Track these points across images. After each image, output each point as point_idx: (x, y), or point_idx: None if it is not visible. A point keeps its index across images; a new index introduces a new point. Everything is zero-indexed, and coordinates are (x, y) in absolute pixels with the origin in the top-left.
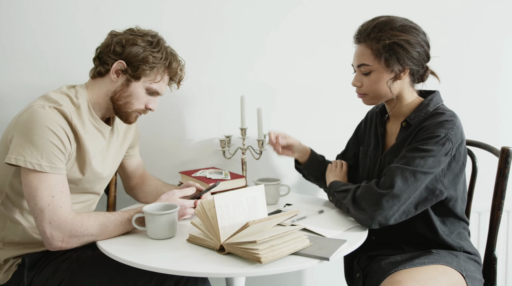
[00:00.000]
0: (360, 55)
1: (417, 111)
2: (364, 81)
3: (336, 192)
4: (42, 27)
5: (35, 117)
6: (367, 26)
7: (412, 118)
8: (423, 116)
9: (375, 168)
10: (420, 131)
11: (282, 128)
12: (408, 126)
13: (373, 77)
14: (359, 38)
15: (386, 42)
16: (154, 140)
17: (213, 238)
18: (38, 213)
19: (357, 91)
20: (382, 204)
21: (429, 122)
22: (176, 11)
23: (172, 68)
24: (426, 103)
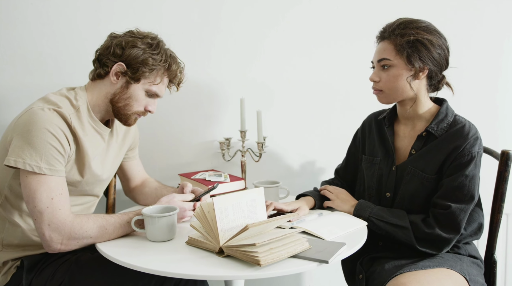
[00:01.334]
0: (382, 50)
1: (437, 121)
2: (383, 76)
3: (378, 220)
4: (41, 29)
5: (34, 119)
6: (392, 23)
7: (434, 129)
8: (445, 126)
9: (389, 178)
10: (455, 151)
11: (281, 130)
12: (428, 135)
13: (392, 73)
14: (383, 35)
15: (411, 38)
16: (153, 142)
17: (212, 241)
18: (37, 215)
19: (374, 87)
20: (449, 244)
21: (459, 139)
22: (175, 12)
23: (171, 71)
24: (444, 112)
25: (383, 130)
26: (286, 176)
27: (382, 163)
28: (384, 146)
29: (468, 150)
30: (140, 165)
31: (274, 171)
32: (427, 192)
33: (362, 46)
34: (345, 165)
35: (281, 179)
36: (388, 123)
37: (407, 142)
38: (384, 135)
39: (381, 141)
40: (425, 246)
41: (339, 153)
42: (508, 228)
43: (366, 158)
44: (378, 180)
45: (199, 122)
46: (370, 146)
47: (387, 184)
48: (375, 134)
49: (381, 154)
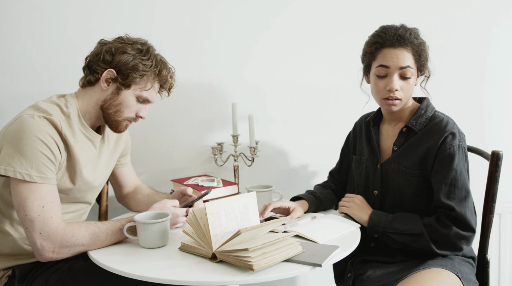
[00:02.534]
0: (404, 58)
1: (416, 117)
2: (404, 86)
3: (393, 233)
4: (32, 36)
5: (24, 127)
6: (404, 31)
7: (413, 124)
8: (424, 121)
9: (375, 176)
10: (434, 145)
11: (274, 133)
12: (409, 131)
13: (412, 81)
14: (400, 41)
15: (425, 48)
16: (145, 148)
17: (205, 246)
18: (28, 224)
19: (392, 96)
20: (468, 241)
21: (437, 133)
22: (165, 18)
23: (162, 76)
24: (423, 108)
25: (370, 132)
26: (279, 180)
27: (368, 161)
28: (370, 145)
29: (449, 143)
30: (132, 171)
31: (267, 175)
32: (414, 187)
33: (352, 48)
34: (338, 167)
35: (274, 183)
36: (374, 123)
37: (390, 140)
38: (370, 134)
39: (367, 141)
40: (444, 248)
41: (331, 156)
42: (501, 229)
43: (355, 158)
44: (365, 179)
45: (191, 127)
46: (359, 146)
47: (373, 182)
48: (364, 135)
49: (367, 153)
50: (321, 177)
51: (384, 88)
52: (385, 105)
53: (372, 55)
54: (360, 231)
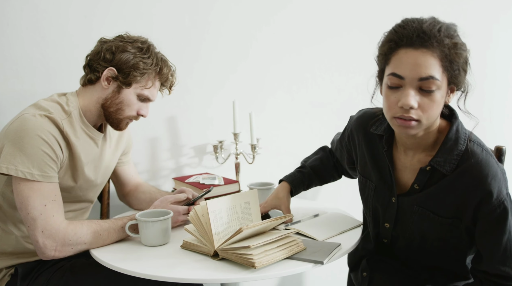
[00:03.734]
0: (426, 64)
1: (444, 152)
2: (424, 103)
3: None
4: (32, 35)
5: (26, 126)
6: (431, 25)
7: (440, 163)
8: (454, 160)
9: (389, 209)
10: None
11: (274, 131)
12: (434, 169)
13: (438, 98)
14: (421, 40)
15: (461, 52)
16: (146, 147)
17: (207, 244)
18: (31, 222)
19: (404, 115)
20: None
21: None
22: (165, 17)
23: (163, 74)
24: (453, 138)
25: (377, 150)
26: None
27: (378, 191)
28: (379, 172)
29: (497, 199)
30: (134, 169)
31: (268, 173)
32: (443, 234)
33: (354, 46)
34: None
35: (275, 180)
36: (387, 146)
37: (408, 173)
38: (380, 159)
39: (374, 163)
40: None
41: None
42: None
43: (359, 177)
44: (373, 210)
45: (191, 125)
46: (361, 162)
47: (385, 215)
48: (365, 151)
49: (376, 180)
50: None
51: (396, 104)
52: (397, 126)
53: (386, 57)
54: (361, 229)
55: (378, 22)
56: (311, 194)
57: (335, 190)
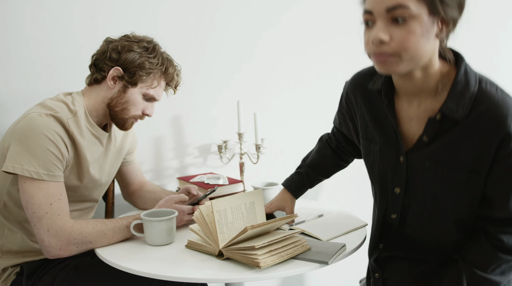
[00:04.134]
0: None
1: (454, 96)
2: (396, 35)
3: None
4: (38, 35)
5: (32, 125)
6: None
7: (453, 109)
8: (467, 104)
9: (397, 171)
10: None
11: (279, 131)
12: (444, 119)
13: (414, 28)
14: None
15: None
16: (151, 146)
17: (211, 244)
18: (36, 221)
19: (378, 51)
20: None
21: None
22: (170, 16)
23: (168, 74)
24: (462, 81)
25: (378, 108)
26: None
27: (384, 152)
28: (383, 130)
29: None
30: (138, 169)
31: (272, 173)
32: (458, 196)
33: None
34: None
35: (279, 180)
36: (387, 99)
37: (414, 124)
38: (382, 116)
39: (376, 123)
40: None
41: None
42: None
43: (362, 141)
44: (381, 175)
45: (196, 125)
46: (362, 124)
47: (395, 178)
48: (365, 111)
49: (380, 140)
50: None
51: (369, 41)
52: (376, 64)
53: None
54: (366, 229)
55: None
56: (315, 194)
57: (339, 190)
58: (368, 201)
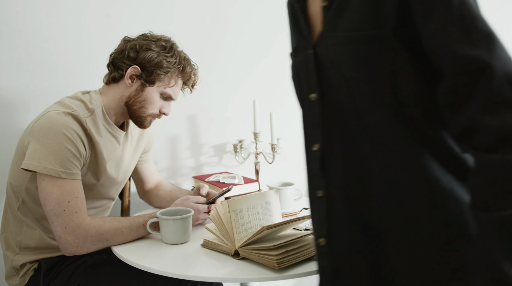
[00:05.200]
0: None
1: None
2: None
3: None
4: (55, 34)
5: (50, 123)
6: None
7: None
8: None
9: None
10: None
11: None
12: None
13: None
14: None
15: None
16: (167, 145)
17: (227, 243)
18: (54, 218)
19: None
20: None
21: None
22: (185, 15)
23: (185, 73)
24: None
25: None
26: (300, 178)
27: (299, 52)
28: (299, 30)
29: None
30: (154, 167)
31: (287, 173)
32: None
33: None
34: None
35: (295, 180)
36: None
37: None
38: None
39: (295, 25)
40: None
41: None
42: None
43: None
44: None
45: (212, 124)
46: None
47: (307, 83)
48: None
49: (295, 40)
50: None
51: None
52: None
53: None
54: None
55: None
56: None
57: None
58: None
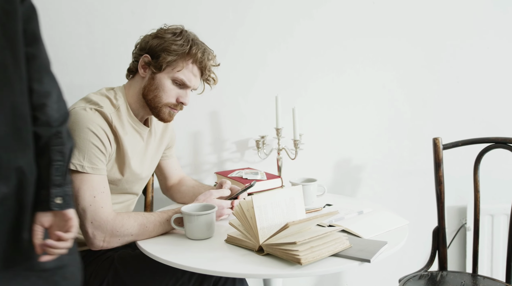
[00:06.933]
0: None
1: None
2: None
3: None
4: (80, 31)
5: (77, 119)
6: None
7: None
8: None
9: None
10: None
11: (317, 127)
12: None
13: None
14: None
15: None
16: (189, 141)
17: (251, 239)
18: (81, 213)
19: None
20: None
21: None
22: (210, 11)
23: (192, 54)
24: None
25: None
26: (323, 174)
27: None
28: None
29: None
30: (177, 163)
31: (310, 169)
32: None
33: (397, 40)
34: None
35: (317, 176)
36: None
37: None
38: None
39: None
40: None
41: (375, 150)
42: (493, 230)
43: None
44: None
45: (234, 120)
46: None
47: None
48: None
49: None
50: (366, 170)
51: None
52: None
53: None
54: (407, 228)
55: (426, 19)
56: (353, 190)
57: (377, 187)
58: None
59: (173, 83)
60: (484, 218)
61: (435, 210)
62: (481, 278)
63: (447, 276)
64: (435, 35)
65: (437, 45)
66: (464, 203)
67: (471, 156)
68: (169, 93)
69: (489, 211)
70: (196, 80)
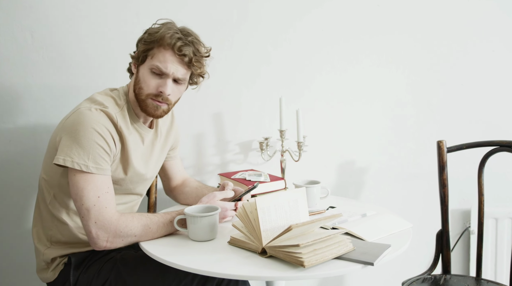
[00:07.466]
0: None
1: None
2: None
3: None
4: (85, 32)
5: (82, 119)
6: None
7: None
8: None
9: None
10: None
11: (321, 129)
12: None
13: None
14: None
15: None
16: (193, 142)
17: (255, 241)
18: (85, 213)
19: None
20: None
21: None
22: (213, 13)
23: (163, 38)
24: None
25: None
26: (326, 176)
27: None
28: None
29: None
30: (180, 164)
31: (313, 171)
32: None
33: (403, 42)
34: None
35: (321, 178)
36: None
37: None
38: None
39: None
40: None
41: (379, 153)
42: (497, 233)
43: None
44: None
45: (238, 122)
46: None
47: None
48: None
49: None
50: (369, 172)
51: None
52: None
53: None
54: (411, 231)
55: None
56: (356, 193)
57: (380, 190)
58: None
59: (151, 73)
60: (488, 221)
61: (439, 213)
62: (485, 282)
63: (450, 279)
64: (440, 37)
65: (442, 47)
66: (468, 206)
67: (476, 159)
68: (148, 83)
69: (493, 214)
70: (175, 66)
